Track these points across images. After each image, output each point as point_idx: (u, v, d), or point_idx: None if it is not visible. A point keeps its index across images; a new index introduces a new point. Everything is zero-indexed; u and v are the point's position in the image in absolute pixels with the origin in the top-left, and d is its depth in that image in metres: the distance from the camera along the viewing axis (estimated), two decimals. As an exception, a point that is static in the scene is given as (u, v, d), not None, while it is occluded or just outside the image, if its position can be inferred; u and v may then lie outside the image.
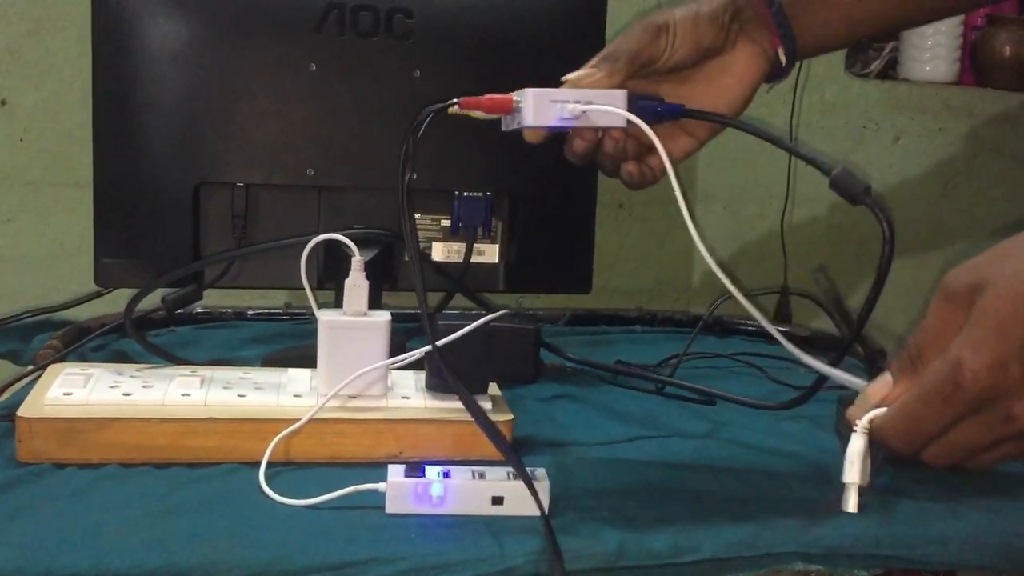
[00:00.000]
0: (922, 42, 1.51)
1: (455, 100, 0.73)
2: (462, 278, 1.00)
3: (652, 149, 0.76)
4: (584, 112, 0.71)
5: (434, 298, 1.04)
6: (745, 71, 0.77)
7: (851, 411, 0.63)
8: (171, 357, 0.89)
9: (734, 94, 0.78)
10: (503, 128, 0.76)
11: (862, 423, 0.62)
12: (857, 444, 0.62)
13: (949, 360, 0.55)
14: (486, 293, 1.04)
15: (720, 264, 0.75)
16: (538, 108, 0.72)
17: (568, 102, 0.71)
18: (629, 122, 0.72)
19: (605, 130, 0.75)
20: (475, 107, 0.73)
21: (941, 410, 0.56)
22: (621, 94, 0.72)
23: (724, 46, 0.76)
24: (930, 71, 1.51)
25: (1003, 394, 0.54)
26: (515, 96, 0.73)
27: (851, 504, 0.65)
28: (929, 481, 0.78)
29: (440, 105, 0.73)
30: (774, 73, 0.79)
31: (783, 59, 0.78)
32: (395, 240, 0.96)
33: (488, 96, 0.73)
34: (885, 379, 0.61)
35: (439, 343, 0.76)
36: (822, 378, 0.70)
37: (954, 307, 0.56)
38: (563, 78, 0.73)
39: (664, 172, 0.77)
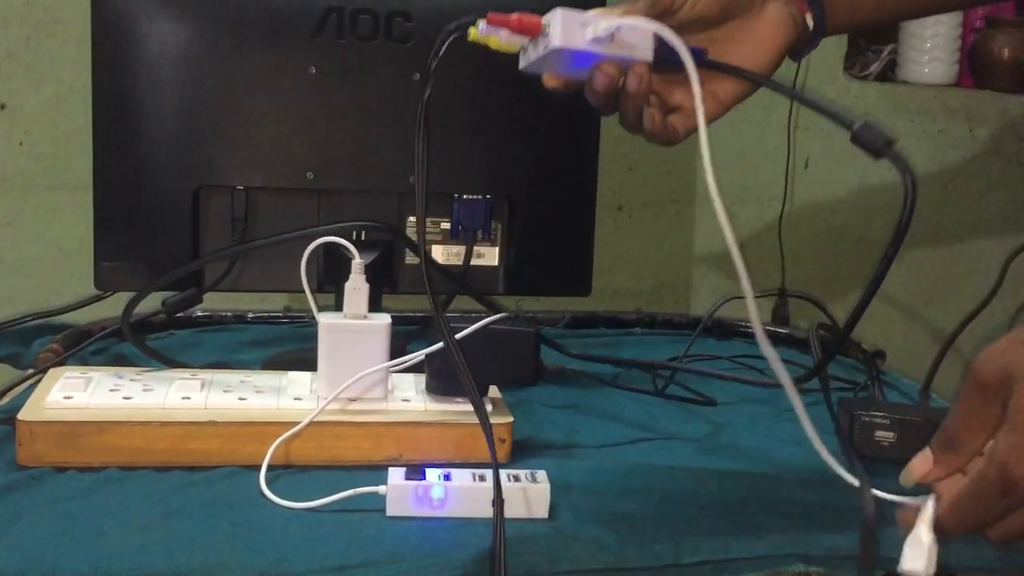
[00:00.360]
0: (921, 44, 1.52)
1: (473, 18, 0.68)
2: (462, 281, 1.00)
3: (675, 109, 0.74)
4: (614, 32, 0.66)
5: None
6: (772, 35, 0.75)
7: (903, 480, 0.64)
8: (170, 360, 0.89)
9: (759, 58, 0.75)
10: (522, 65, 0.71)
11: (926, 516, 0.61)
12: (923, 535, 0.60)
13: (995, 465, 0.56)
14: (485, 296, 1.04)
15: (718, 265, 0.74)
16: (566, 28, 0.67)
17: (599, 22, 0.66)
18: (655, 62, 0.68)
19: (628, 67, 0.70)
20: (502, 24, 0.67)
21: (998, 503, 0.57)
22: (648, 28, 0.67)
23: (751, 6, 0.74)
24: (929, 73, 1.51)
25: None
26: (543, 18, 0.68)
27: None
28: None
29: (463, 21, 0.69)
30: (801, 42, 0.77)
31: (810, 23, 0.76)
32: (396, 236, 0.97)
33: (517, 14, 0.68)
34: (927, 455, 0.62)
35: (436, 347, 0.76)
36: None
37: (985, 398, 0.57)
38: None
39: (686, 134, 0.74)
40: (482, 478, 0.69)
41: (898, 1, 0.78)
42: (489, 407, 0.79)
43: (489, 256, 1.02)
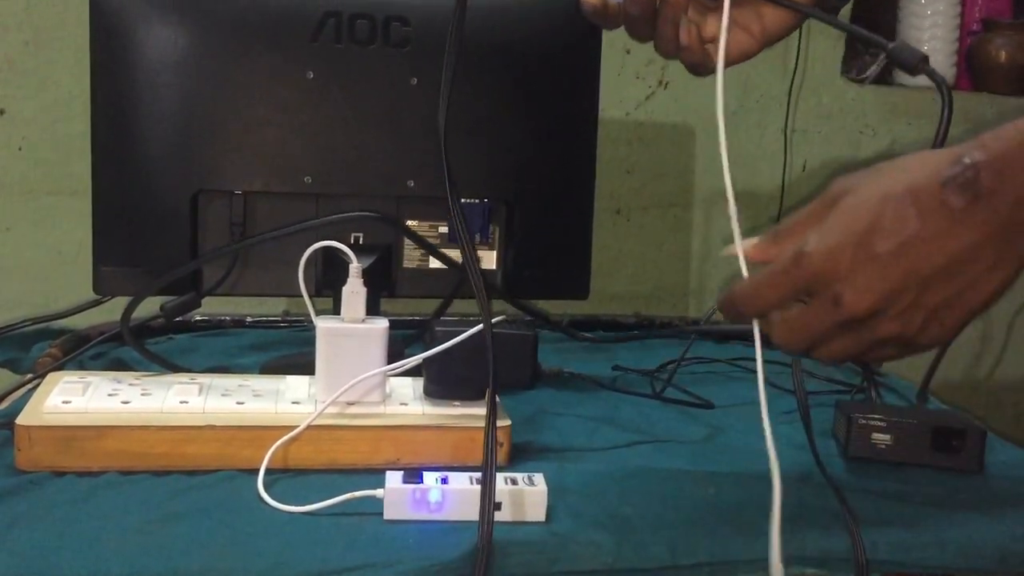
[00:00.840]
0: (918, 47, 1.51)
1: None
2: (459, 285, 1.00)
3: (712, 40, 0.74)
4: None
5: (432, 304, 1.04)
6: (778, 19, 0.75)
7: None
8: (168, 364, 0.89)
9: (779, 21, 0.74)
10: None
11: (728, 249, 0.65)
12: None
13: (798, 243, 0.59)
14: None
15: (716, 268, 0.75)
16: None
17: None
18: None
19: None
20: None
21: (780, 283, 0.60)
22: None
23: None
24: (926, 77, 1.52)
25: (833, 278, 0.57)
26: None
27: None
28: (925, 485, 0.78)
29: None
30: None
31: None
32: (397, 229, 0.97)
33: None
34: (752, 240, 0.65)
35: (434, 351, 0.76)
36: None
37: (823, 205, 0.60)
38: None
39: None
40: (479, 481, 0.69)
41: None
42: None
43: (487, 260, 1.02)
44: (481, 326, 0.76)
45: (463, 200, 0.99)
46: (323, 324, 0.78)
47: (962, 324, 0.58)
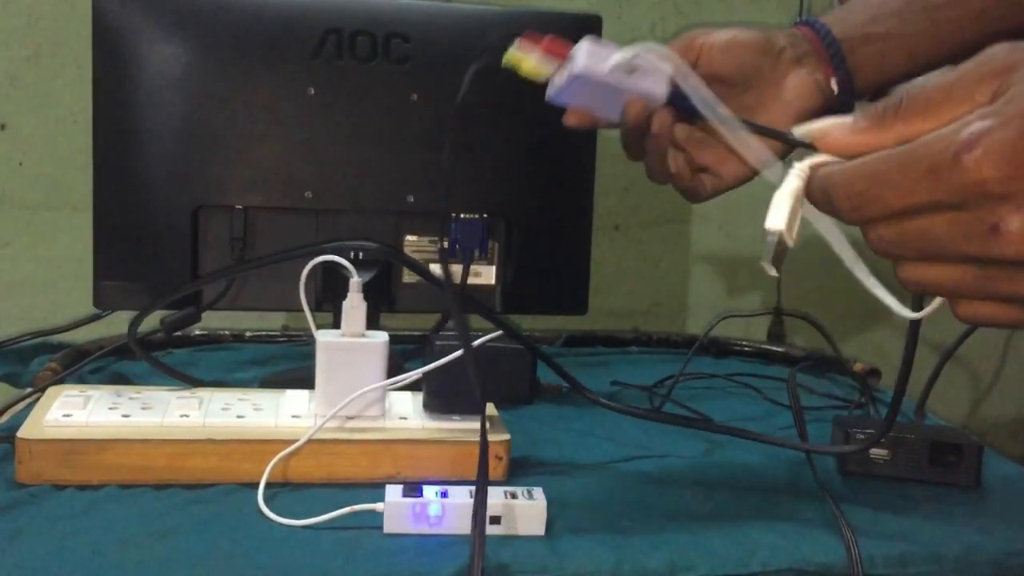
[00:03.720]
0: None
1: (499, 43, 0.70)
2: (460, 297, 1.00)
3: (704, 169, 0.76)
4: (634, 62, 0.68)
5: (431, 319, 1.04)
6: (796, 101, 0.75)
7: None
8: (179, 375, 0.89)
9: (784, 124, 0.72)
10: (548, 95, 0.73)
11: (802, 165, 0.49)
12: (790, 185, 0.49)
13: (957, 127, 0.42)
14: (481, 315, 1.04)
15: (715, 284, 0.75)
16: (592, 56, 0.68)
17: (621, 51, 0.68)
18: (674, 103, 0.69)
19: (653, 108, 0.71)
20: (533, 45, 0.68)
21: (917, 181, 0.42)
22: (667, 71, 0.69)
23: (774, 74, 0.74)
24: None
25: (1002, 196, 0.40)
26: (574, 48, 0.70)
27: (769, 256, 0.52)
28: (922, 499, 0.78)
29: (491, 45, 0.69)
30: (829, 105, 0.76)
31: (835, 88, 0.76)
32: (393, 258, 0.97)
33: (549, 36, 0.69)
34: (845, 121, 0.48)
35: (434, 365, 0.76)
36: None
37: (991, 73, 0.42)
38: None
39: (713, 192, 0.76)
40: (479, 495, 0.69)
41: (930, 50, 0.76)
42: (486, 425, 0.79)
43: (486, 275, 1.03)
44: (480, 341, 0.76)
45: (462, 216, 1.00)
46: (323, 338, 0.78)
47: None
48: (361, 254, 0.98)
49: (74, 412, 0.76)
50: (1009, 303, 0.43)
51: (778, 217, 0.50)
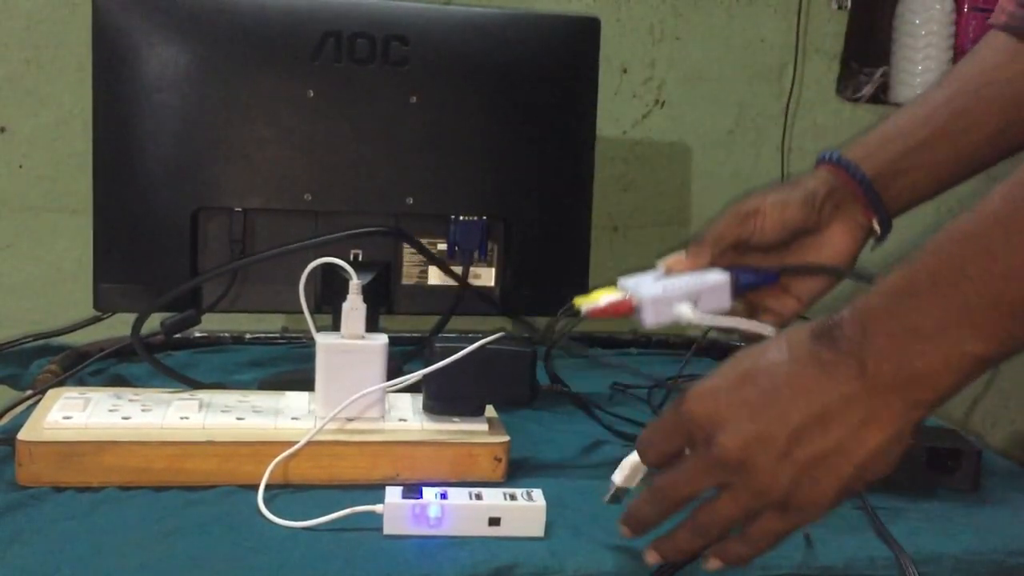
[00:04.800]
0: (912, 67, 1.53)
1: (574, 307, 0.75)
2: (458, 302, 1.01)
3: (765, 310, 0.81)
4: (694, 313, 0.75)
5: (430, 321, 1.05)
6: (842, 245, 0.80)
7: None
8: (182, 377, 0.90)
9: (791, 220, 0.80)
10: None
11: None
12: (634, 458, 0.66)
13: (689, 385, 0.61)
14: (482, 316, 1.05)
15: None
16: (656, 309, 0.75)
17: (681, 301, 0.74)
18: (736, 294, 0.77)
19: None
20: (598, 314, 0.75)
21: (664, 427, 0.61)
22: (725, 281, 0.76)
23: (818, 226, 0.80)
24: (920, 95, 1.53)
25: (708, 422, 0.58)
26: (633, 300, 0.75)
27: (608, 497, 0.67)
28: (921, 502, 0.78)
29: (568, 309, 0.76)
30: (870, 239, 0.83)
31: (878, 229, 0.81)
32: (409, 241, 0.98)
33: (607, 302, 0.75)
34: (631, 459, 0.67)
35: (433, 367, 0.77)
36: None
37: (680, 432, 0.60)
38: (657, 262, 0.77)
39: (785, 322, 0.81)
40: (479, 496, 0.69)
41: (954, 173, 0.82)
42: (485, 426, 0.79)
43: (485, 277, 1.03)
44: (481, 342, 0.77)
45: (461, 217, 1.00)
46: (323, 340, 0.78)
47: (840, 489, 0.57)
48: (361, 256, 0.98)
49: (74, 414, 0.76)
50: (766, 513, 0.58)
51: (621, 477, 0.66)
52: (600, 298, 0.74)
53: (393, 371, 0.80)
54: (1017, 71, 0.80)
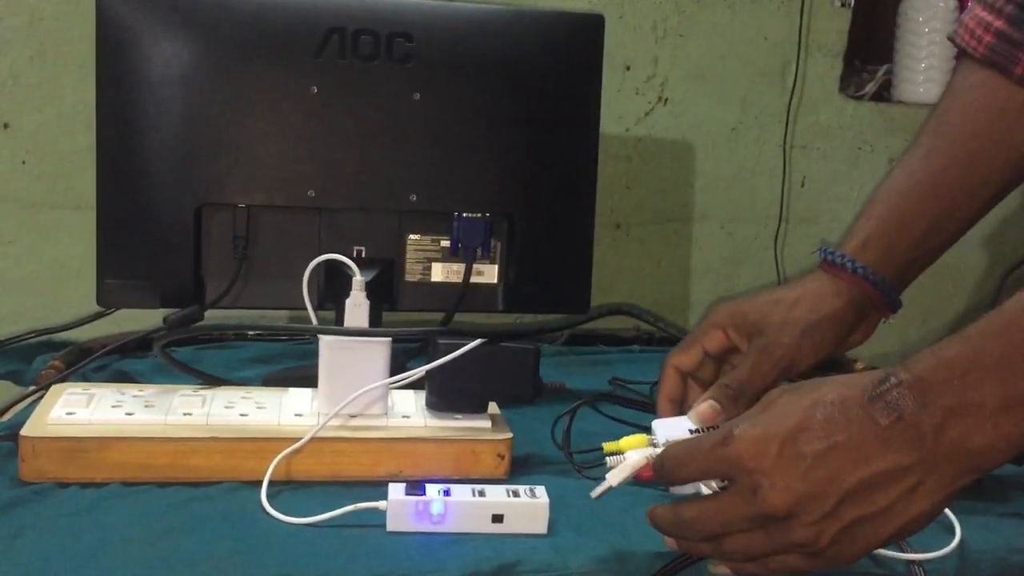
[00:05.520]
0: (916, 64, 1.53)
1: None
2: (461, 299, 1.01)
3: None
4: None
5: (434, 318, 1.05)
6: (856, 343, 0.81)
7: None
8: (196, 372, 0.90)
9: (825, 350, 0.79)
10: None
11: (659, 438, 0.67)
12: (635, 460, 0.65)
13: (729, 424, 0.60)
14: (485, 313, 1.05)
15: (716, 283, 0.75)
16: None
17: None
18: None
19: None
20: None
21: (704, 457, 0.60)
22: None
23: (847, 340, 0.80)
24: (924, 93, 1.53)
25: (755, 469, 0.57)
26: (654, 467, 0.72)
27: (598, 492, 0.66)
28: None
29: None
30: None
31: (891, 321, 0.83)
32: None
33: (635, 467, 0.70)
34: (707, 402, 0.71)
35: (436, 363, 0.77)
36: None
37: (762, 406, 0.60)
38: (688, 414, 0.72)
39: None
40: (482, 493, 0.69)
41: (958, 236, 0.82)
42: (488, 423, 0.80)
43: (488, 274, 1.03)
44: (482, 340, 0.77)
45: (465, 215, 1.00)
46: (326, 337, 0.78)
47: (873, 546, 0.58)
48: (364, 252, 0.98)
49: (77, 410, 0.76)
50: (795, 553, 0.58)
51: (618, 479, 0.65)
52: (628, 453, 0.68)
53: (396, 368, 0.80)
54: (1015, 117, 0.78)
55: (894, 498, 0.56)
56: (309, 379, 0.82)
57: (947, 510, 0.70)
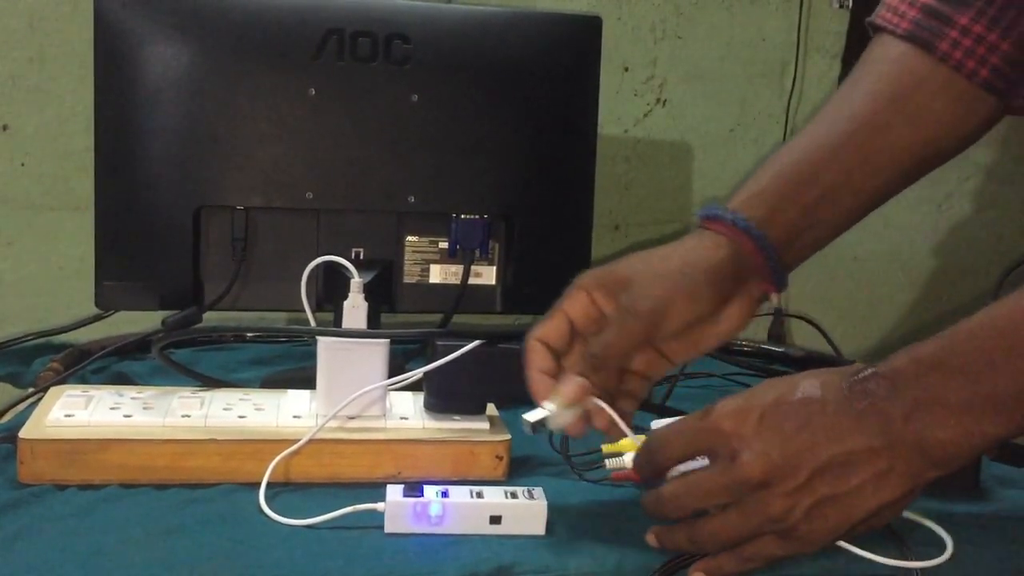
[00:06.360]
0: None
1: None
2: (459, 300, 1.01)
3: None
4: None
5: (432, 320, 1.05)
6: (736, 319, 0.72)
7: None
8: (196, 374, 0.90)
9: (720, 340, 0.72)
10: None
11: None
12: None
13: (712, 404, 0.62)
14: (483, 315, 1.05)
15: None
16: None
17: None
18: None
19: None
20: (625, 477, 0.71)
21: (686, 432, 0.63)
22: None
23: (722, 306, 0.71)
24: (922, 94, 1.53)
25: (734, 437, 0.60)
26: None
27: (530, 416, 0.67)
28: (922, 499, 0.78)
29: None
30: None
31: (774, 300, 0.78)
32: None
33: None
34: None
35: (434, 365, 0.77)
36: None
37: (707, 441, 0.62)
38: (551, 396, 0.68)
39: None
40: (480, 495, 0.69)
41: (855, 218, 0.77)
42: (487, 425, 0.80)
43: (487, 275, 1.03)
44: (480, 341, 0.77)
45: (463, 216, 1.00)
46: (324, 338, 0.78)
47: (842, 528, 0.60)
48: (362, 254, 0.98)
49: (76, 412, 0.76)
50: (769, 535, 0.60)
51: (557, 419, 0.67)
52: (627, 455, 0.68)
53: (395, 369, 0.80)
54: (932, 92, 0.74)
55: (864, 479, 0.58)
56: (307, 381, 0.82)
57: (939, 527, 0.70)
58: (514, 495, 0.70)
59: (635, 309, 0.68)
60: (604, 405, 0.68)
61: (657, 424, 0.75)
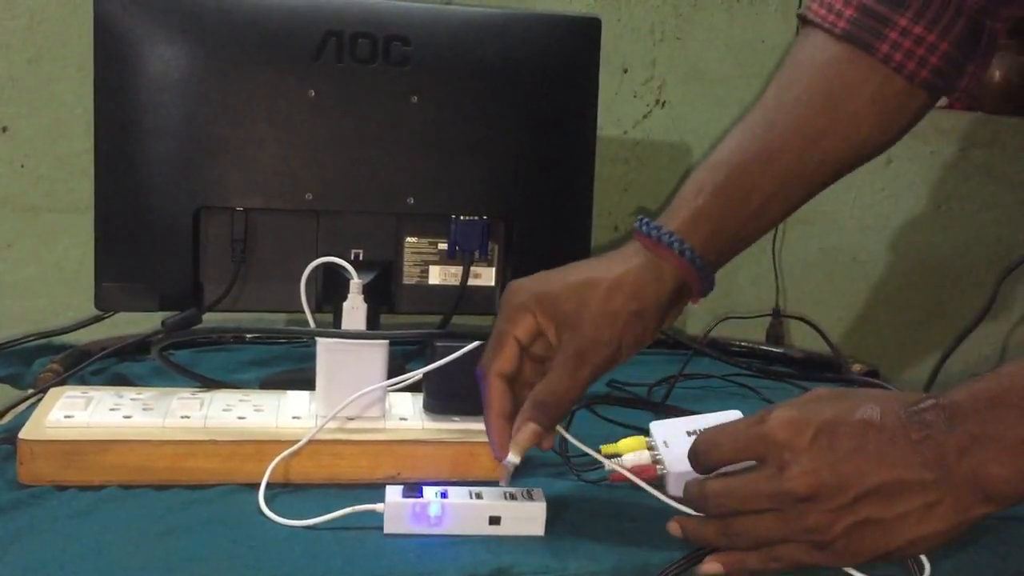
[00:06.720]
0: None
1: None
2: (459, 301, 1.01)
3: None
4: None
5: (432, 320, 1.05)
6: (658, 330, 0.74)
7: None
8: (198, 376, 0.90)
9: (645, 342, 0.73)
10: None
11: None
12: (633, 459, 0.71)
13: (764, 411, 0.63)
14: (483, 316, 1.05)
15: (715, 285, 0.74)
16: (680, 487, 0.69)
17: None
18: None
19: None
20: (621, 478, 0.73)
21: (738, 436, 0.63)
22: None
23: (656, 321, 0.72)
24: (921, 95, 1.53)
25: (787, 448, 0.59)
26: (658, 468, 0.74)
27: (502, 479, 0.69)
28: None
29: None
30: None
31: (696, 305, 0.76)
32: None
33: (633, 466, 0.74)
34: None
35: (434, 366, 0.77)
36: None
37: (758, 449, 0.62)
38: (510, 445, 0.68)
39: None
40: (479, 495, 0.70)
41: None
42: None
43: (486, 276, 1.03)
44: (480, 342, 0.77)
45: (462, 217, 1.00)
46: (324, 339, 0.78)
47: (879, 552, 0.60)
48: (362, 255, 0.99)
49: (76, 413, 0.76)
50: (803, 542, 0.60)
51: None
52: (626, 456, 0.73)
53: (394, 370, 0.80)
54: (869, 96, 0.73)
55: (910, 509, 0.58)
56: (307, 382, 0.82)
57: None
58: (513, 496, 0.70)
59: (588, 360, 0.69)
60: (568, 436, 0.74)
61: (657, 424, 0.75)
